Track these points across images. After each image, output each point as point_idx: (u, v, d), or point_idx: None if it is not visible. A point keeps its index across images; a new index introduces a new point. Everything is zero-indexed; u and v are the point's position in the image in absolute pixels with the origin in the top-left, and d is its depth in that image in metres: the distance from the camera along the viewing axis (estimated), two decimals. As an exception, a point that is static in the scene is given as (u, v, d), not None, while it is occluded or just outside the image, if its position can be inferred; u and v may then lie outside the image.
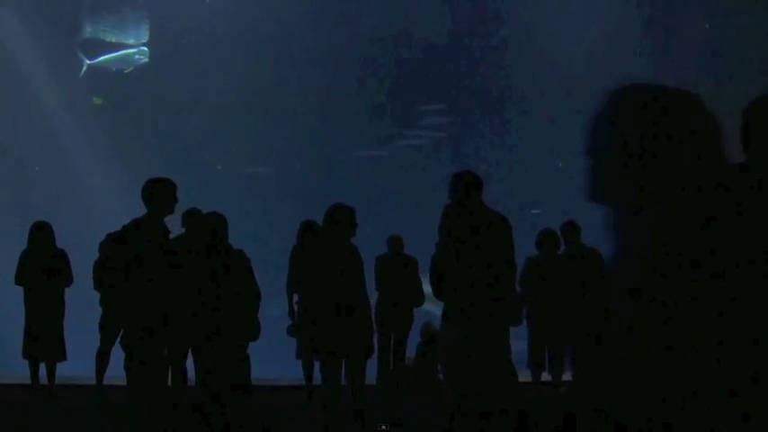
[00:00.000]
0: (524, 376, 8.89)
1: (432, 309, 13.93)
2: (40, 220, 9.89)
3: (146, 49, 19.41)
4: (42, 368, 9.71)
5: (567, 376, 9.56)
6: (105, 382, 9.55)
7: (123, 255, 7.36)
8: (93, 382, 9.58)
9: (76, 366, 9.98)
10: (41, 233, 9.69)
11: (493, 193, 9.67)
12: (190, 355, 8.04)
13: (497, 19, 19.52)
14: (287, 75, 19.02)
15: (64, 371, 9.99)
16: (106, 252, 9.12)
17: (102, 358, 9.47)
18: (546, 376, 9.57)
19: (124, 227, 7.50)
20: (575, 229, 9.62)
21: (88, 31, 19.57)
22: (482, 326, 7.24)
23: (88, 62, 19.13)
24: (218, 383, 7.67)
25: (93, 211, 16.05)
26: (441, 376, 8.54)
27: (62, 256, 9.70)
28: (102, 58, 19.26)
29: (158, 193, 7.31)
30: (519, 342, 8.53)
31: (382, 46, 19.44)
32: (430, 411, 8.48)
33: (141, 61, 19.31)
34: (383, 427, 8.27)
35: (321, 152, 19.15)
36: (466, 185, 7.17)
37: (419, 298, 9.86)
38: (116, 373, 8.38)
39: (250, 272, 8.05)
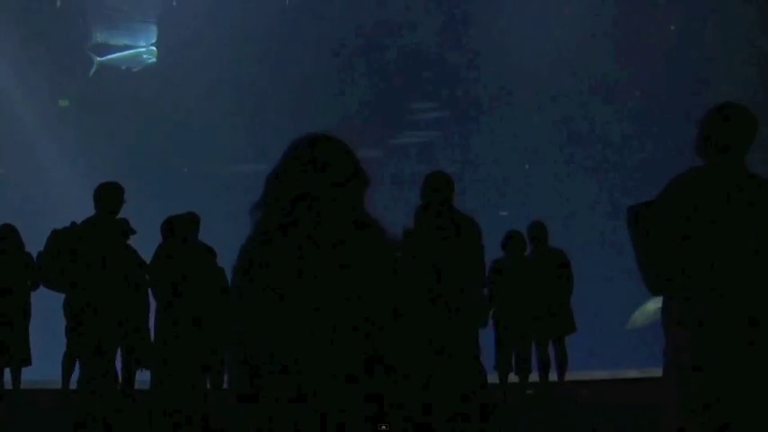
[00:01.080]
0: (491, 378, 8.94)
1: None
2: (6, 222, 9.82)
3: (154, 48, 19.60)
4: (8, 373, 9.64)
5: (533, 377, 9.63)
6: (72, 386, 9.47)
7: (75, 254, 7.46)
8: (60, 386, 9.50)
9: (46, 370, 9.91)
10: (7, 236, 9.61)
11: (462, 194, 9.70)
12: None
13: (467, 20, 19.61)
14: (270, 72, 19.00)
15: (33, 375, 9.91)
16: (51, 246, 8.94)
17: (69, 362, 9.40)
18: (513, 378, 9.63)
19: (72, 223, 7.63)
20: (542, 230, 9.69)
21: (98, 36, 19.56)
22: (448, 326, 7.30)
23: (98, 59, 19.23)
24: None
25: (60, 214, 15.90)
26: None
27: (29, 259, 9.61)
28: (111, 56, 19.39)
29: (105, 195, 7.53)
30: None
31: (368, 44, 19.51)
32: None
33: (149, 61, 19.50)
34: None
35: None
36: (434, 187, 7.25)
37: None
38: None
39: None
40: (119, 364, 8.22)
